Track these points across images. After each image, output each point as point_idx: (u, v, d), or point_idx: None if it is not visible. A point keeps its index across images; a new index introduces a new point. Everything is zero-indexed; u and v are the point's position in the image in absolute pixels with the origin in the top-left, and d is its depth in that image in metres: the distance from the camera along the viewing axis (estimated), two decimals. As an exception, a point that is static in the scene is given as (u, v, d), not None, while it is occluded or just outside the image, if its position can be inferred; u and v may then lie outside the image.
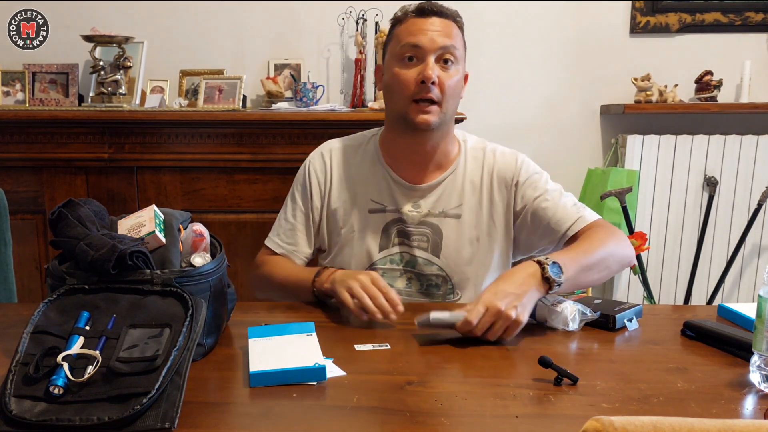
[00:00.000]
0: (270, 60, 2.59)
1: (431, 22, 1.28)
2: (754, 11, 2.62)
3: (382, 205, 1.38)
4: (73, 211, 0.99)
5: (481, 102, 2.61)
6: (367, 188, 1.39)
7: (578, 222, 1.31)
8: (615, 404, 0.84)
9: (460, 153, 1.40)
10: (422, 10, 1.29)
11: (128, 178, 2.26)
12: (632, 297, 2.69)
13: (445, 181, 1.38)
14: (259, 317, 1.18)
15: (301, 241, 1.43)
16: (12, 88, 2.43)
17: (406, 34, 1.28)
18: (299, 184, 1.45)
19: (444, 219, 1.37)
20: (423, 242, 1.37)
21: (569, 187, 2.68)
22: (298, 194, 1.44)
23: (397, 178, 1.38)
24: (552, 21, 2.63)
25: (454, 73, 1.29)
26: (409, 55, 1.28)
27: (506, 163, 1.39)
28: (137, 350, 0.82)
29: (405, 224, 1.37)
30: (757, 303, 0.89)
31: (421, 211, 1.37)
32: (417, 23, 1.28)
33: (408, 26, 1.29)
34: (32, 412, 0.75)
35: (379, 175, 1.39)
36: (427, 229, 1.37)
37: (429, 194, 1.37)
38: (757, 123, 2.68)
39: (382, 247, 1.37)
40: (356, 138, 1.46)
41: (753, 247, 2.69)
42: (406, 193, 1.38)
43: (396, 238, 1.37)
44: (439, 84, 1.26)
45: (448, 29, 1.28)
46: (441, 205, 1.37)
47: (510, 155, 1.40)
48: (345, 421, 0.80)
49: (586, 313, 1.12)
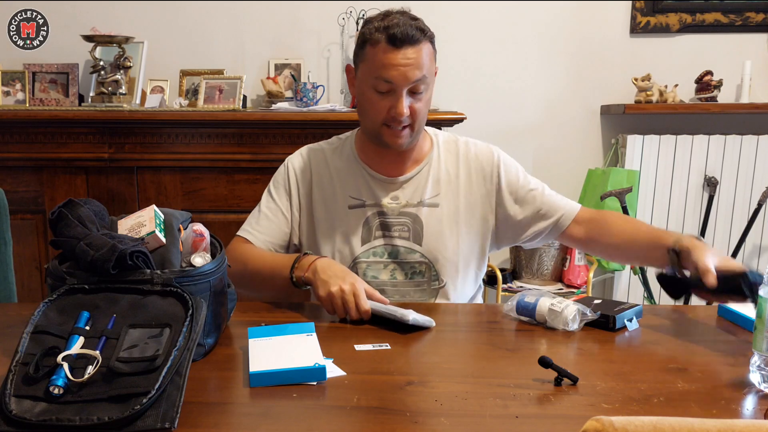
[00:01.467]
0: (270, 60, 2.59)
1: (403, 54, 1.25)
2: (754, 11, 2.62)
3: (361, 200, 1.41)
4: (73, 211, 0.99)
5: (481, 102, 2.61)
6: (345, 185, 1.42)
7: (569, 208, 1.42)
8: (615, 404, 0.84)
9: (433, 146, 1.45)
10: (393, 39, 1.25)
11: (128, 178, 2.26)
12: (632, 297, 2.69)
13: (421, 172, 1.42)
14: (259, 317, 1.18)
15: (276, 233, 1.43)
16: (12, 87, 2.43)
17: (379, 65, 1.27)
18: (278, 181, 1.46)
19: (422, 208, 1.41)
20: (404, 232, 1.40)
21: (569, 186, 2.72)
22: (275, 190, 1.46)
23: (373, 173, 1.41)
24: (552, 21, 2.63)
25: (425, 96, 1.31)
26: (382, 89, 1.29)
27: (483, 155, 1.44)
28: (137, 350, 0.82)
29: (386, 216, 1.40)
30: (757, 303, 0.89)
31: (399, 202, 1.41)
32: (389, 56, 1.26)
33: (380, 57, 1.27)
34: (32, 412, 0.75)
35: (357, 172, 1.42)
36: (407, 219, 1.41)
37: (406, 185, 1.42)
38: (757, 123, 2.68)
39: (364, 241, 1.40)
40: (332, 141, 1.50)
41: (753, 248, 2.69)
42: (384, 186, 1.41)
43: (377, 230, 1.40)
44: (411, 112, 1.30)
45: (419, 59, 1.27)
46: (418, 195, 1.41)
47: (485, 147, 1.46)
48: (345, 421, 0.80)
49: (586, 313, 1.12)
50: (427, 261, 1.40)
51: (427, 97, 1.33)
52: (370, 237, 1.40)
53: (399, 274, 1.40)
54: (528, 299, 1.17)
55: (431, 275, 1.40)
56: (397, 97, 1.28)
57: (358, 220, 1.40)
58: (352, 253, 1.39)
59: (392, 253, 1.40)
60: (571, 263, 2.54)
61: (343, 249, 1.39)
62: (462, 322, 1.21)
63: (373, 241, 1.40)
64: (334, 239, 1.40)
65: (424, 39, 1.28)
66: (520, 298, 1.18)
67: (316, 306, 1.28)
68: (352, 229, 1.40)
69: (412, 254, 1.40)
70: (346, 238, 1.40)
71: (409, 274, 1.40)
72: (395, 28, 1.25)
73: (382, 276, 1.40)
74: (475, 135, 1.54)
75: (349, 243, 1.40)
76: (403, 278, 1.40)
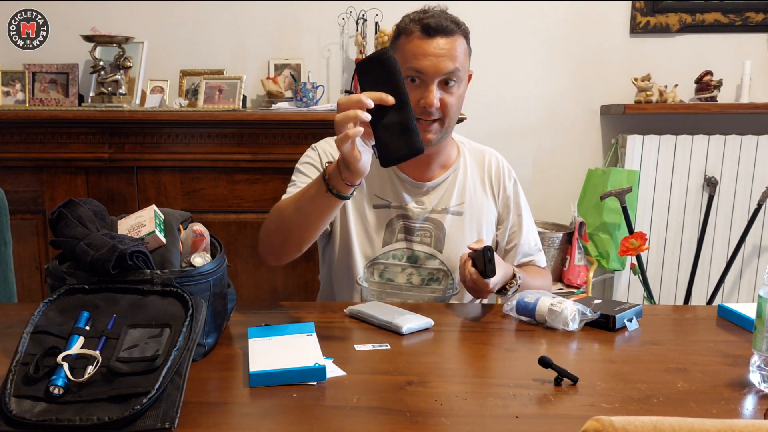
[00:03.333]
0: (270, 60, 2.59)
1: (435, 44, 1.26)
2: (754, 11, 2.62)
3: (386, 201, 1.40)
4: (73, 211, 0.99)
5: (481, 102, 2.61)
6: (372, 184, 1.41)
7: (531, 262, 1.50)
8: (615, 404, 0.84)
9: (460, 154, 1.46)
10: (427, 29, 1.26)
11: (128, 178, 2.26)
12: (632, 297, 2.69)
13: (448, 179, 1.42)
14: (259, 317, 1.18)
15: None
16: (12, 88, 2.43)
17: (410, 55, 1.27)
18: (308, 163, 1.40)
19: (446, 215, 1.41)
20: (426, 237, 1.40)
21: (569, 187, 2.72)
22: (305, 170, 1.39)
23: (402, 176, 1.41)
24: (552, 21, 2.63)
25: (456, 91, 1.30)
26: (412, 77, 1.28)
27: (503, 173, 1.48)
28: (137, 350, 0.82)
29: (410, 220, 1.40)
30: (757, 303, 0.89)
31: (425, 207, 1.40)
32: (421, 46, 1.26)
33: (413, 47, 1.27)
34: (32, 412, 0.75)
35: (384, 172, 1.41)
36: (430, 225, 1.40)
37: (433, 191, 1.41)
38: (757, 123, 2.68)
39: (386, 242, 1.40)
40: None
41: (753, 247, 2.69)
42: (410, 190, 1.41)
43: (400, 233, 1.40)
44: (441, 105, 1.28)
45: (453, 50, 1.27)
46: (444, 202, 1.41)
47: (507, 167, 1.50)
48: (345, 421, 0.80)
49: (586, 313, 1.12)
50: (445, 269, 1.40)
51: (459, 93, 1.31)
52: (392, 239, 1.40)
53: (415, 279, 1.40)
54: (528, 299, 1.17)
55: (448, 283, 1.41)
56: (428, 87, 1.26)
57: (381, 221, 1.40)
58: (373, 252, 1.39)
59: (411, 257, 1.39)
60: (571, 263, 2.54)
61: (364, 247, 1.39)
62: (462, 322, 1.21)
63: (394, 244, 1.39)
64: (355, 234, 1.39)
65: (459, 32, 1.28)
66: (520, 298, 1.18)
67: (316, 306, 1.28)
68: (375, 229, 1.39)
69: (432, 260, 1.40)
70: (368, 237, 1.39)
71: (426, 280, 1.40)
72: (430, 19, 1.26)
73: (398, 279, 1.40)
74: (476, 135, 1.54)
75: (370, 242, 1.39)
76: (419, 283, 1.40)
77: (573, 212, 2.59)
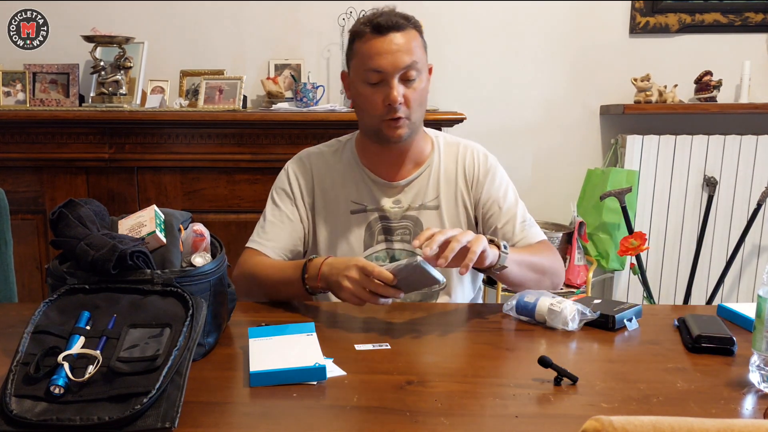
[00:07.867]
0: (270, 60, 2.59)
1: (389, 40, 1.26)
2: (753, 11, 2.62)
3: (363, 206, 1.41)
4: (73, 211, 0.99)
5: (481, 102, 2.61)
6: (347, 190, 1.41)
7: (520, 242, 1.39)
8: (615, 404, 0.84)
9: (434, 149, 1.45)
10: (379, 28, 1.27)
11: (129, 178, 2.27)
12: (632, 297, 2.69)
13: (421, 175, 1.42)
14: (259, 317, 1.18)
15: (285, 239, 1.40)
16: (12, 88, 2.43)
17: (367, 56, 1.28)
18: (280, 189, 1.44)
19: (423, 211, 1.41)
20: (405, 235, 1.40)
21: (569, 187, 2.72)
22: (278, 197, 1.44)
23: (375, 178, 1.41)
24: (552, 21, 2.63)
25: (418, 84, 1.31)
26: (373, 80, 1.28)
27: (476, 161, 1.44)
28: (137, 350, 0.82)
29: (388, 220, 1.40)
30: (756, 303, 0.89)
31: (402, 206, 1.41)
32: (376, 45, 1.27)
33: (368, 47, 1.28)
34: (33, 412, 0.75)
35: (357, 176, 1.42)
36: (408, 222, 1.41)
37: (407, 189, 1.41)
38: (757, 123, 2.68)
39: (367, 245, 1.40)
40: (332, 144, 1.49)
41: (752, 247, 2.69)
42: (385, 190, 1.41)
43: (380, 235, 1.40)
44: (405, 101, 1.29)
45: (408, 44, 1.27)
46: (419, 198, 1.41)
47: (482, 155, 1.46)
48: (345, 421, 0.81)
49: (586, 313, 1.12)
50: None
51: (422, 87, 1.32)
52: (372, 242, 1.40)
53: None
54: (528, 299, 1.17)
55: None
56: (389, 84, 1.27)
57: (360, 225, 1.40)
58: None
59: (394, 257, 1.40)
60: (571, 263, 2.54)
61: (346, 254, 1.39)
62: (462, 322, 1.21)
63: (375, 246, 1.40)
64: (336, 244, 1.40)
65: (410, 26, 1.29)
66: (520, 298, 1.18)
67: (316, 306, 1.28)
68: (355, 234, 1.40)
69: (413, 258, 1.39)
70: (349, 243, 1.40)
71: None
72: (379, 18, 1.27)
73: None
74: (475, 135, 1.54)
75: (351, 248, 1.39)
76: None
77: (572, 212, 2.59)
